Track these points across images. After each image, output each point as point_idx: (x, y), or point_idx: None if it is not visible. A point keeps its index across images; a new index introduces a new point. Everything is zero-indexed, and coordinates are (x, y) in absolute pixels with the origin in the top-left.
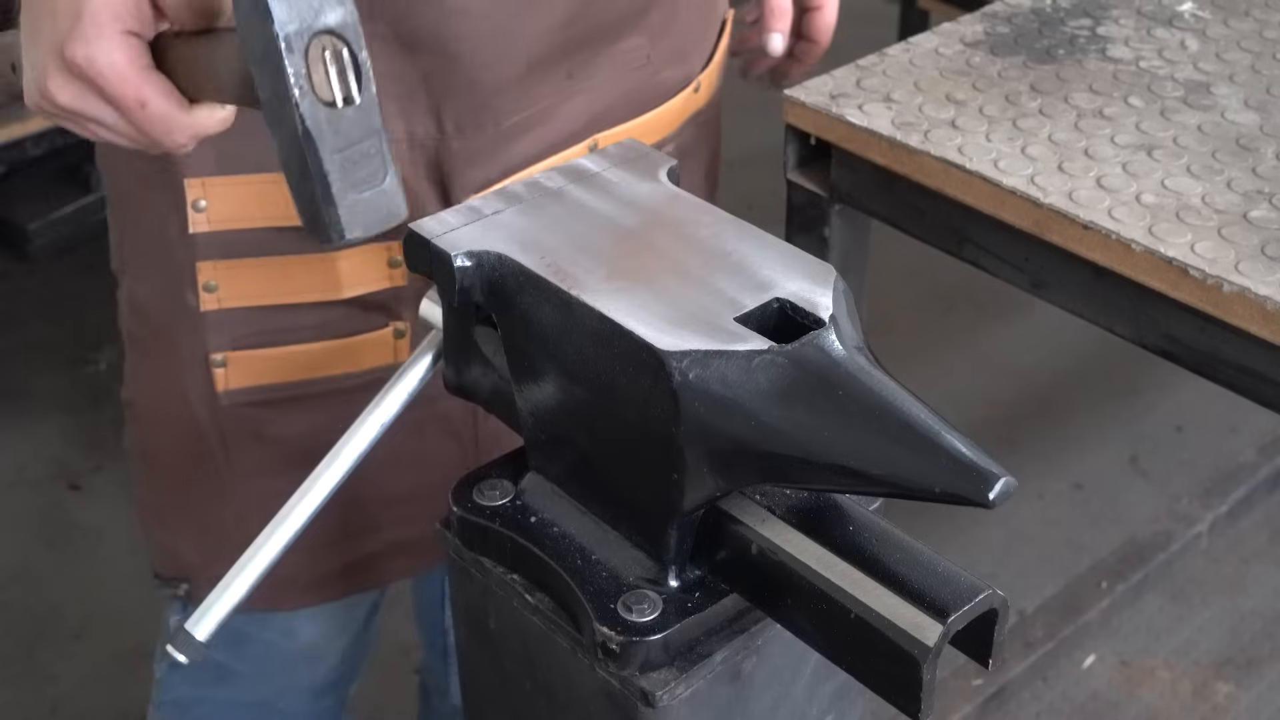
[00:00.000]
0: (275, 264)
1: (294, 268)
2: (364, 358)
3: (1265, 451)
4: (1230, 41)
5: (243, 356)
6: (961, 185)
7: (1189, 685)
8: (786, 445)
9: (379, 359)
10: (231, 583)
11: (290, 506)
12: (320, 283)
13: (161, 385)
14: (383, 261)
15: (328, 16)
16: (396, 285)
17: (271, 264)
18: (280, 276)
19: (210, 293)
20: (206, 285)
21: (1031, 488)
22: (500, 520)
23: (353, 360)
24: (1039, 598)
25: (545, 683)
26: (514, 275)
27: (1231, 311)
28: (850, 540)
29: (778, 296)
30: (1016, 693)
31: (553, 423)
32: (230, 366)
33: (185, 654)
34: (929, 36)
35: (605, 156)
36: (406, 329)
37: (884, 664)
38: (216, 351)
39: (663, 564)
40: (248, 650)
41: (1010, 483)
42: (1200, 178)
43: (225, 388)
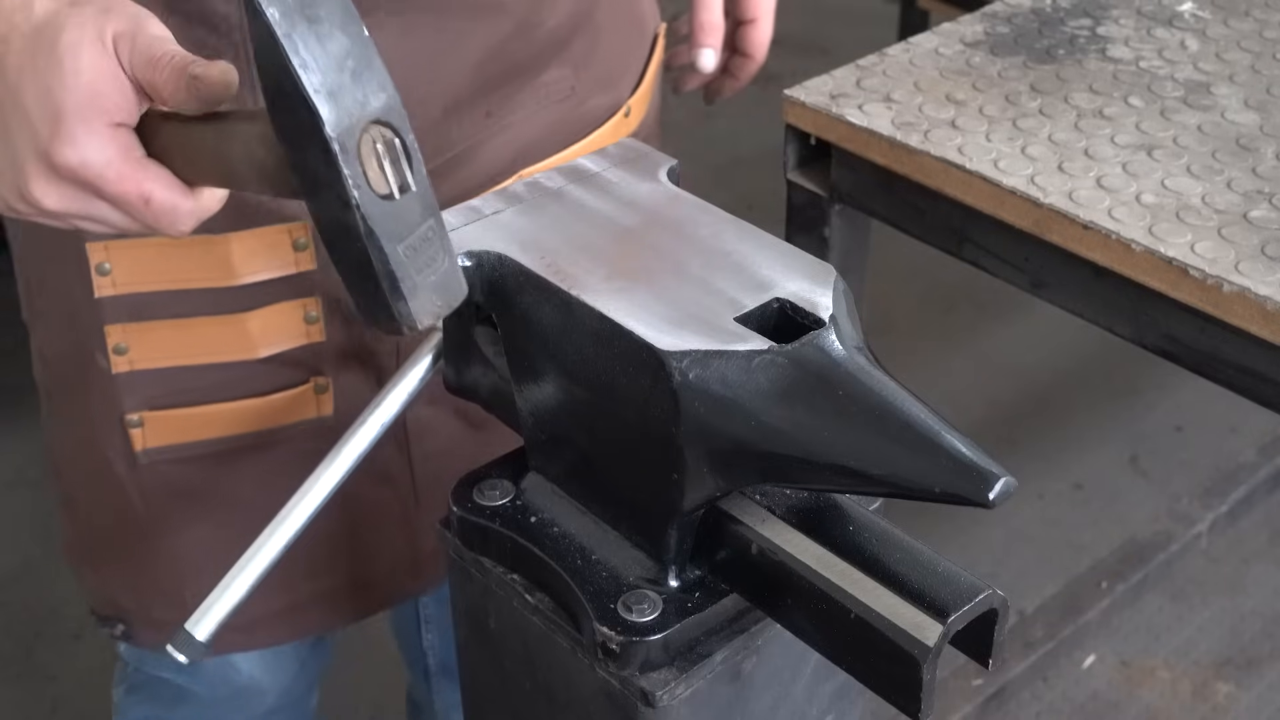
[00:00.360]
0: (185, 325)
1: (205, 329)
2: (283, 414)
3: (1265, 451)
4: (1230, 41)
5: (159, 416)
6: (961, 185)
7: (1189, 685)
8: (786, 445)
9: (300, 414)
10: (232, 582)
11: (290, 507)
12: (234, 343)
13: (78, 440)
14: (298, 318)
15: (373, 104)
16: (314, 341)
17: (182, 325)
18: (192, 338)
19: (121, 355)
20: (116, 348)
21: (1031, 488)
22: (500, 520)
23: (273, 417)
24: (1039, 598)
25: (545, 683)
26: (514, 275)
27: (1231, 311)
28: (850, 540)
29: (778, 296)
30: (1016, 693)
31: (553, 423)
32: (147, 426)
33: (185, 654)
34: (929, 36)
35: (605, 156)
36: (328, 384)
37: (884, 664)
38: (131, 412)
39: (663, 564)
40: (201, 674)
41: (1010, 483)
42: (1200, 178)
43: (143, 447)
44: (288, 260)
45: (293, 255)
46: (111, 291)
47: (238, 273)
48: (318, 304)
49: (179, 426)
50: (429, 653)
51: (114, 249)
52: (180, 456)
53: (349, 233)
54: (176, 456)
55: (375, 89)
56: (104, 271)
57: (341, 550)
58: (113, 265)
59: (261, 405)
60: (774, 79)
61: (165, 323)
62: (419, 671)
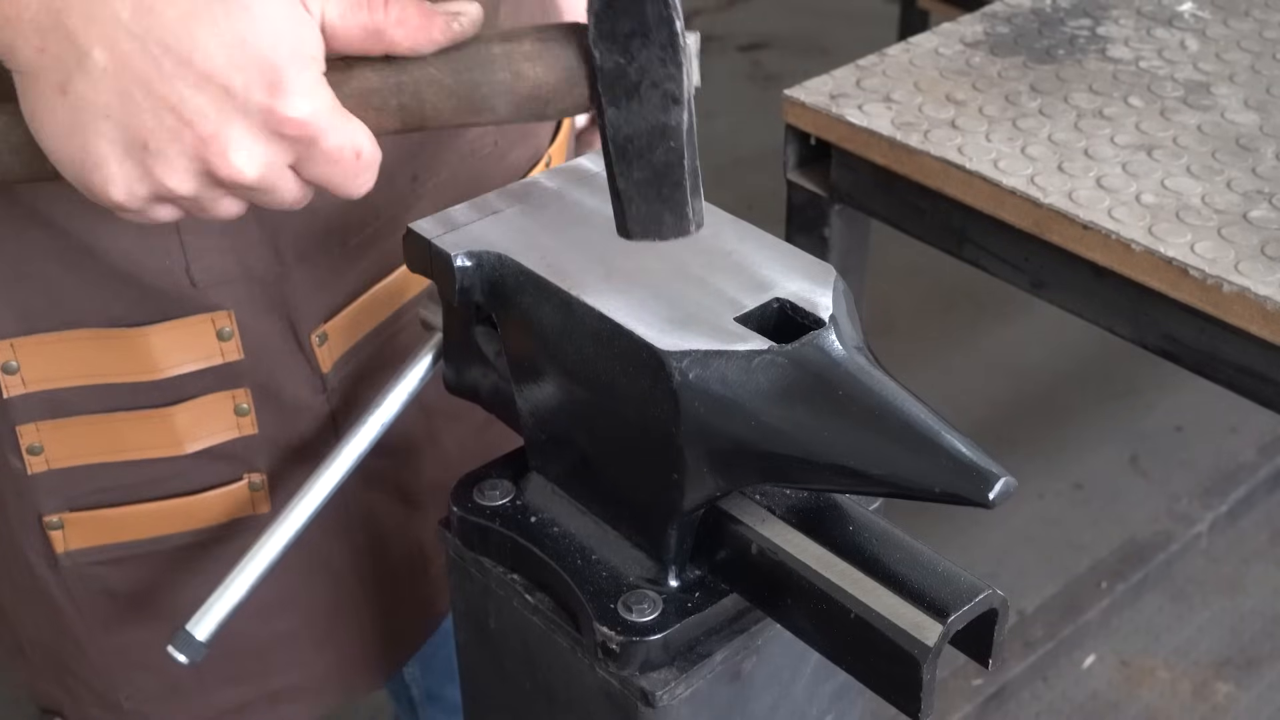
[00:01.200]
0: (105, 421)
1: (126, 425)
2: (217, 513)
3: (1265, 451)
4: (1230, 41)
5: (81, 518)
6: (961, 185)
7: (1189, 685)
8: (786, 445)
9: (233, 513)
10: (231, 583)
11: (290, 507)
12: (158, 439)
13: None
14: (228, 410)
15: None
16: (246, 434)
17: (101, 421)
18: (113, 434)
19: (35, 455)
20: (30, 448)
21: (1031, 488)
22: (500, 520)
23: (206, 516)
24: (1039, 598)
25: (545, 683)
26: (514, 275)
27: (1231, 311)
28: (850, 540)
29: (778, 296)
30: (1016, 693)
31: (553, 423)
32: (68, 528)
33: (186, 655)
34: (929, 36)
35: None
36: (263, 482)
37: (884, 664)
38: (50, 514)
39: (663, 564)
40: None
41: (1010, 483)
42: (1200, 178)
43: (65, 549)
44: (212, 351)
45: (217, 345)
46: (21, 390)
47: (159, 366)
48: (248, 395)
49: (103, 528)
50: (411, 685)
51: (20, 346)
52: (106, 559)
53: (666, 133)
54: (102, 559)
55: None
56: (11, 370)
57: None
58: (20, 362)
59: (192, 504)
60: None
61: (83, 419)
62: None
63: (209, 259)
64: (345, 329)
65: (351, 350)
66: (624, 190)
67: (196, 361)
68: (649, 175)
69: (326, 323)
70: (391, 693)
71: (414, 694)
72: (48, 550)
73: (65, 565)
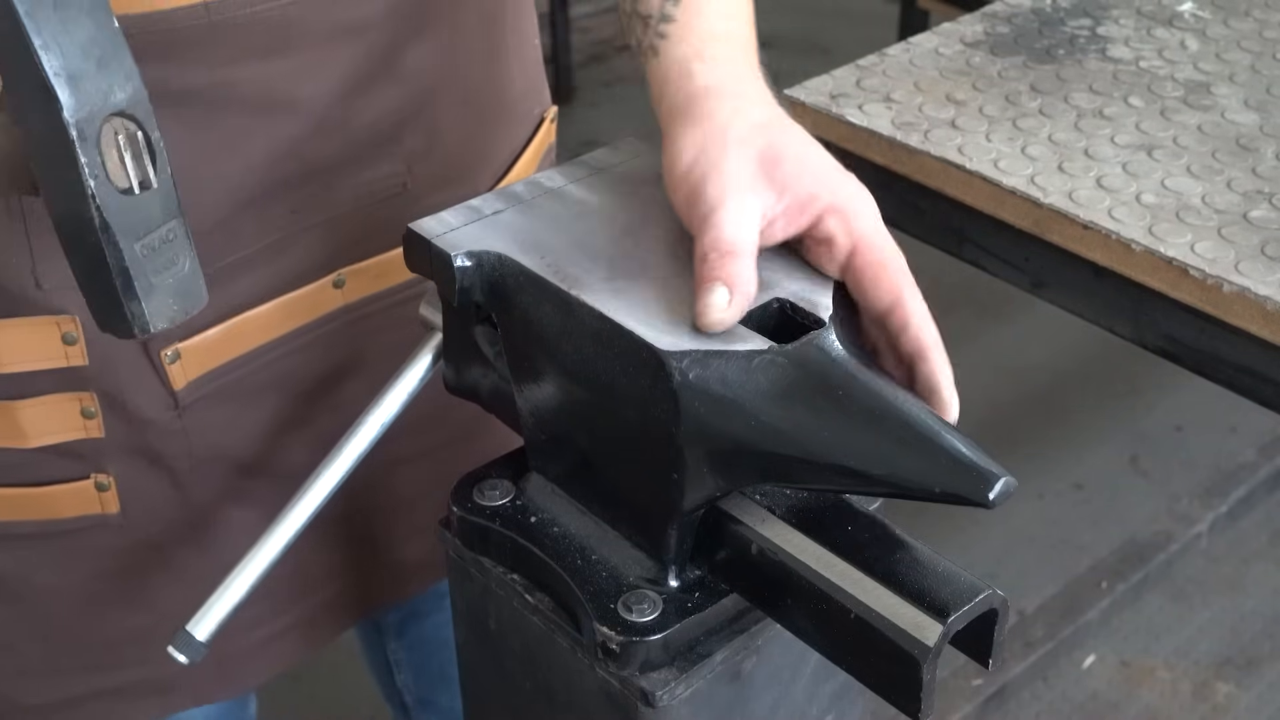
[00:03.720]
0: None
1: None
2: (64, 507)
3: (1265, 451)
4: (1230, 41)
5: None
6: (961, 185)
7: (1189, 685)
8: (786, 445)
9: (80, 509)
10: (231, 583)
11: (289, 509)
12: (3, 430)
13: None
14: (74, 412)
15: (118, 95)
16: (93, 437)
17: None
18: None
19: None
20: None
21: (1031, 488)
22: (500, 520)
23: (53, 508)
24: (1039, 598)
25: (545, 683)
26: (514, 275)
27: (1231, 311)
28: (850, 540)
29: (777, 296)
30: (1016, 693)
31: (553, 423)
32: None
33: (186, 655)
34: (929, 36)
35: (605, 156)
36: (110, 482)
37: (884, 664)
38: None
39: (663, 564)
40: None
41: (1010, 483)
42: (1200, 178)
43: None
44: (56, 353)
45: (62, 349)
46: None
47: (2, 361)
48: (94, 400)
49: None
50: (404, 691)
51: None
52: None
53: (85, 226)
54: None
55: (121, 80)
56: None
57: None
58: None
59: (39, 495)
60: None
61: None
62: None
63: (56, 262)
64: (203, 351)
65: (213, 373)
66: (77, 278)
67: (39, 361)
68: (85, 268)
69: (181, 342)
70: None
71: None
72: None
73: None
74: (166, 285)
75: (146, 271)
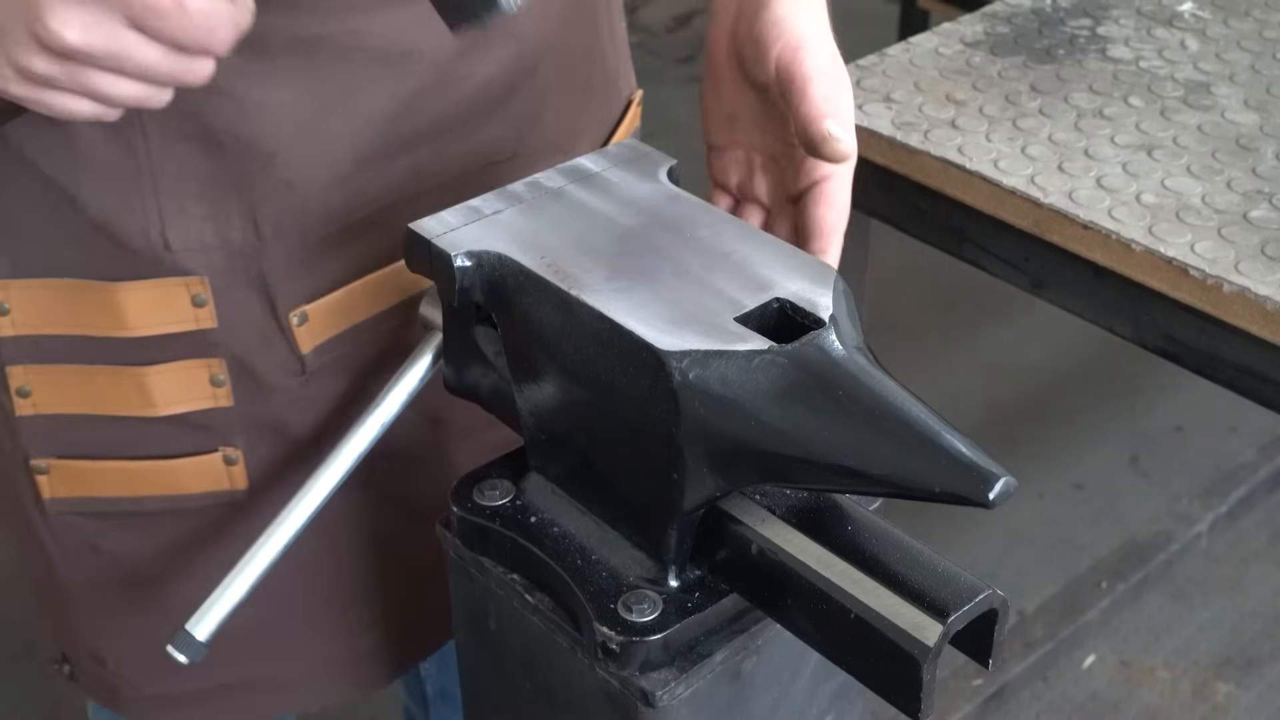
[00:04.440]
0: (86, 373)
1: (104, 379)
2: (191, 482)
3: (1265, 451)
4: (1230, 41)
5: (65, 466)
6: (961, 185)
7: (1189, 685)
8: (786, 445)
9: (209, 485)
10: (231, 583)
11: (290, 508)
12: (133, 398)
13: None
14: (204, 379)
15: None
16: (221, 406)
17: (82, 373)
18: (92, 387)
19: (24, 397)
20: (19, 390)
21: (1031, 488)
22: (500, 520)
23: (179, 484)
24: (1039, 598)
25: (545, 683)
26: (514, 275)
27: (1231, 311)
28: (850, 540)
29: (778, 296)
30: (1016, 693)
31: (553, 423)
32: (53, 475)
33: (185, 655)
34: (929, 36)
35: (605, 156)
36: (238, 456)
37: (884, 664)
38: (38, 458)
39: (663, 564)
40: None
41: (1010, 483)
42: (1200, 178)
43: (50, 495)
44: (186, 316)
45: (191, 311)
46: (11, 331)
47: (131, 324)
48: (223, 366)
49: (83, 479)
50: (426, 680)
51: (10, 288)
52: (88, 511)
53: None
54: (85, 510)
55: None
56: (3, 310)
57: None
58: (11, 305)
59: (166, 469)
60: None
61: (66, 368)
62: (417, 698)
63: (184, 224)
64: (330, 314)
65: (339, 338)
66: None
67: (169, 325)
68: None
69: (308, 304)
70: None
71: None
72: (36, 494)
73: (51, 512)
74: None
75: None
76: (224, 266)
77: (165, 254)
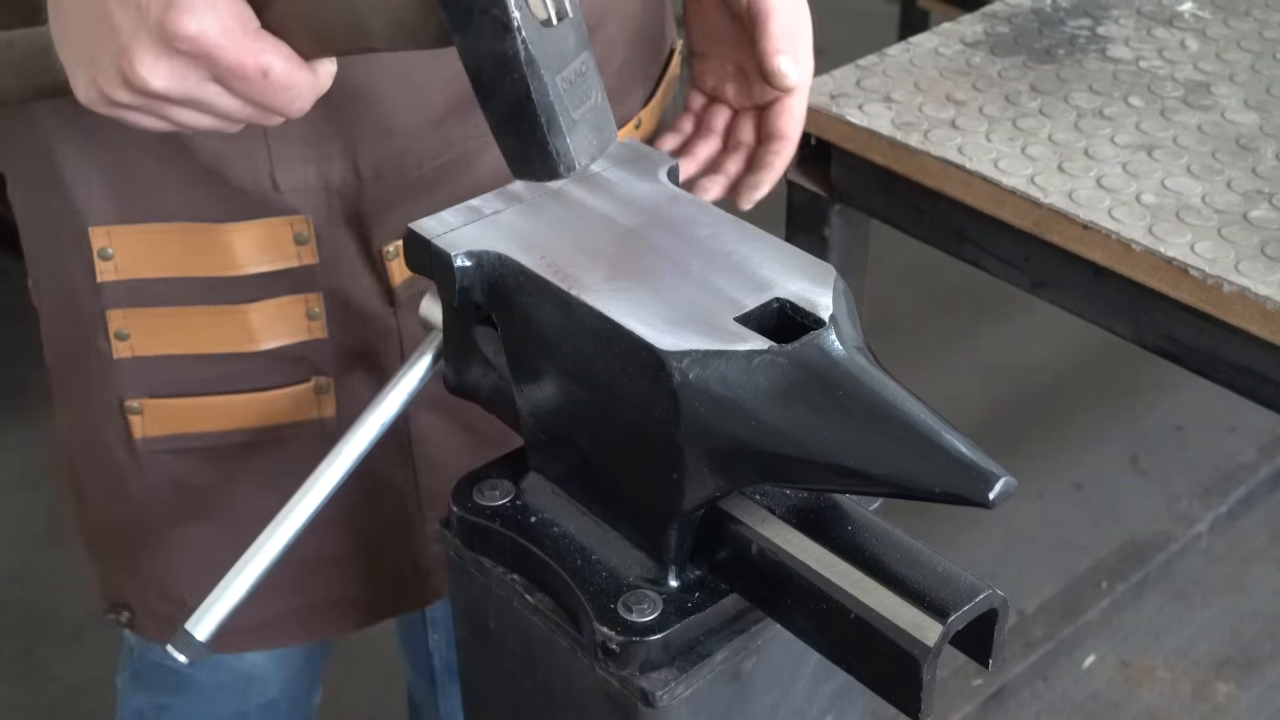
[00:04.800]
0: (186, 314)
1: (205, 319)
2: (284, 412)
3: (1265, 451)
4: (1230, 41)
5: (158, 405)
6: (961, 185)
7: (1189, 685)
8: (786, 445)
9: (301, 414)
10: (231, 583)
11: (290, 508)
12: (233, 335)
13: (82, 424)
14: (300, 313)
15: None
16: (316, 338)
17: (183, 314)
18: (192, 327)
19: (122, 340)
20: (118, 333)
21: (1031, 488)
22: (500, 520)
23: (273, 414)
24: (1039, 598)
25: (545, 683)
26: (514, 275)
27: (1231, 311)
28: (850, 540)
29: (778, 296)
30: (1016, 693)
31: (553, 423)
32: (146, 414)
33: (185, 654)
34: (929, 36)
35: (605, 156)
36: (329, 384)
37: (884, 664)
38: (131, 399)
39: (663, 564)
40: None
41: (1010, 483)
42: (1200, 178)
43: (142, 435)
44: (289, 253)
45: (294, 249)
46: (114, 276)
47: (239, 263)
48: (320, 300)
49: (178, 416)
50: (434, 654)
51: (116, 234)
52: (179, 448)
53: (506, 64)
54: (175, 448)
55: None
56: (106, 256)
57: (350, 562)
58: (115, 250)
59: (261, 401)
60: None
61: (166, 310)
62: (424, 673)
63: (291, 166)
64: None
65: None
66: (492, 126)
67: (273, 262)
68: (505, 110)
69: (397, 240)
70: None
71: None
72: (126, 435)
73: (141, 451)
74: (586, 119)
75: (568, 105)
76: (325, 205)
77: (273, 194)
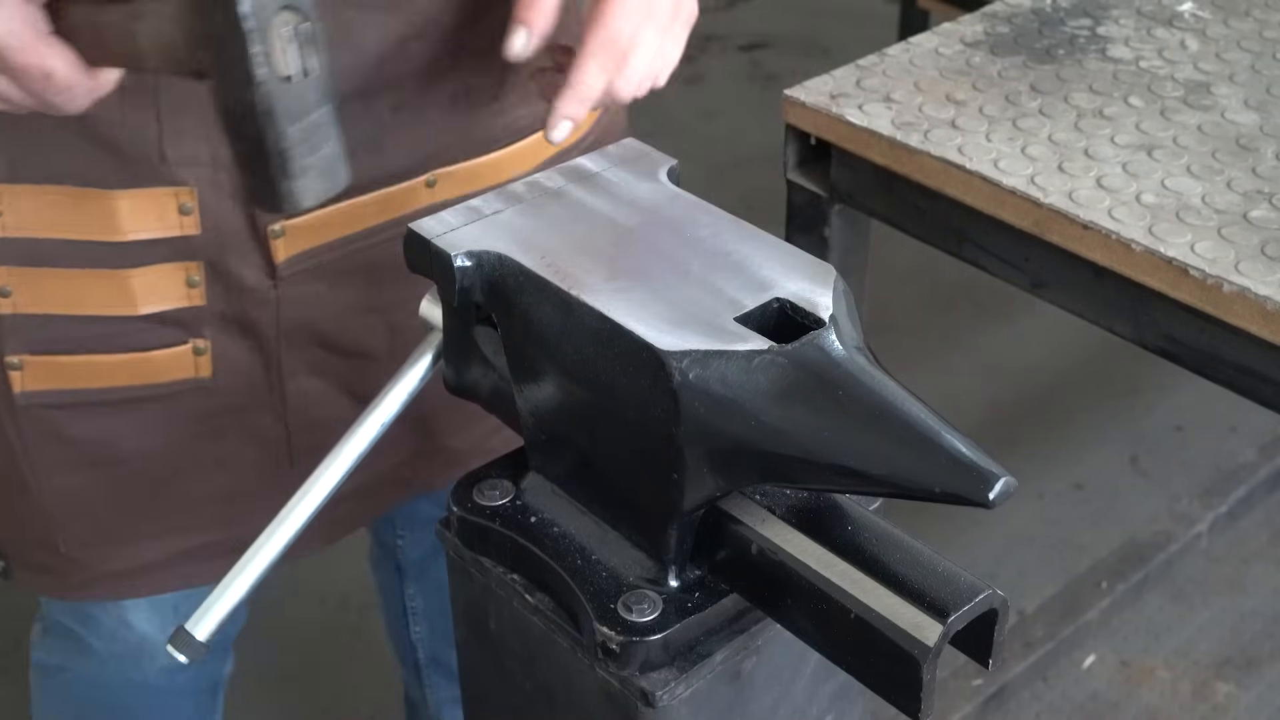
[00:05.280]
0: (70, 276)
1: (89, 281)
2: (162, 372)
3: (1265, 451)
4: (1230, 41)
5: (39, 361)
6: (961, 185)
7: (1189, 685)
8: (786, 445)
9: (177, 373)
10: (231, 583)
11: (290, 507)
12: (115, 299)
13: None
14: (180, 280)
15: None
16: (195, 304)
17: (66, 275)
18: (75, 288)
19: (5, 297)
20: (1, 290)
21: (1031, 488)
22: (500, 520)
23: (150, 374)
24: (1039, 598)
25: (545, 683)
26: (514, 275)
27: (1231, 311)
28: (850, 540)
29: (778, 296)
30: (1016, 693)
31: (553, 423)
32: (26, 370)
33: (185, 654)
34: (929, 36)
35: (605, 156)
36: (206, 347)
37: (884, 664)
38: (12, 354)
39: (663, 564)
40: (97, 628)
41: (1010, 483)
42: (1200, 178)
43: (21, 389)
44: (172, 223)
45: (178, 219)
46: (2, 234)
47: (123, 229)
48: (200, 269)
49: (57, 373)
50: (418, 645)
51: (6, 192)
52: (58, 403)
53: (249, 110)
54: (54, 402)
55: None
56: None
57: (219, 508)
58: (4, 209)
59: (140, 360)
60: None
61: (51, 271)
62: (410, 666)
63: (181, 140)
64: (305, 230)
65: (312, 251)
66: (235, 160)
67: (156, 230)
68: (244, 148)
69: (288, 220)
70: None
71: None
72: (6, 389)
73: (20, 405)
74: (316, 166)
75: (301, 152)
76: (211, 180)
77: (160, 165)
